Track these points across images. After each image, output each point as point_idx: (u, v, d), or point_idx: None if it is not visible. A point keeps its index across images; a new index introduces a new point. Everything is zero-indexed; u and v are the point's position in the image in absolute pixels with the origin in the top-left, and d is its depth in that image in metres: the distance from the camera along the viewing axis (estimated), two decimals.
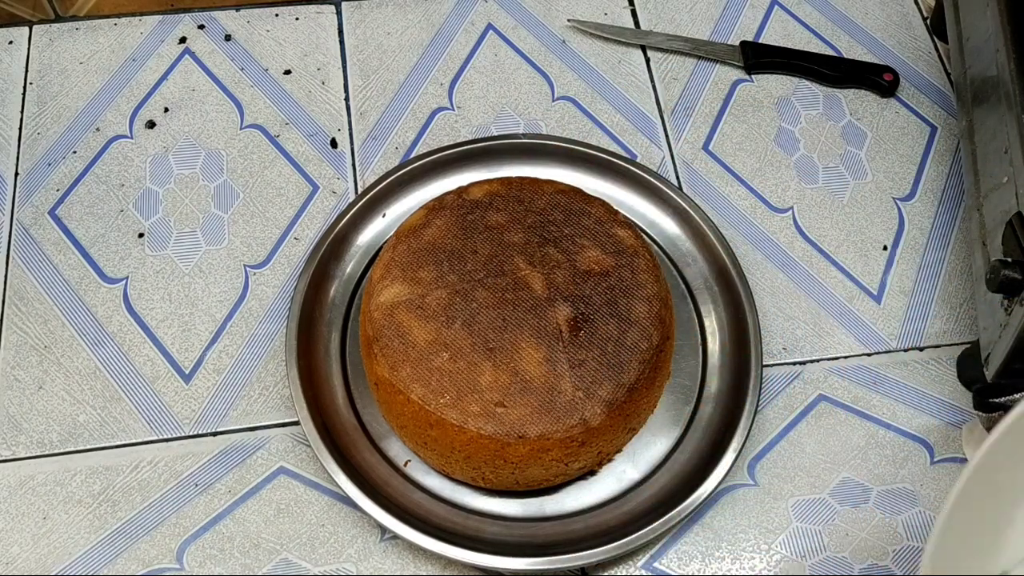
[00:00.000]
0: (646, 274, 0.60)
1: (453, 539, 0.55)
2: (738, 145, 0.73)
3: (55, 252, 0.68)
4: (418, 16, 0.79)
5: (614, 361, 0.57)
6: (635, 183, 0.68)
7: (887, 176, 0.72)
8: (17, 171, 0.71)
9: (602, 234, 0.61)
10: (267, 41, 0.78)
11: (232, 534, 0.58)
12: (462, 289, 0.59)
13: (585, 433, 0.55)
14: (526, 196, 0.63)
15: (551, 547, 0.56)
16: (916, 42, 0.79)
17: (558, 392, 0.56)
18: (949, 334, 0.66)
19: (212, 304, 0.66)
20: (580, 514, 0.58)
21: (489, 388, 0.55)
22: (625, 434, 0.59)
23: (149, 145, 0.73)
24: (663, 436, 0.61)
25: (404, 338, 0.57)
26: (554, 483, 0.58)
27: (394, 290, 0.59)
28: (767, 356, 0.64)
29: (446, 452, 0.57)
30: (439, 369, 0.56)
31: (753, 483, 0.60)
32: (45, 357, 0.64)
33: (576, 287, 0.59)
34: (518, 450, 0.55)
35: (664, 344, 0.59)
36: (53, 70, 0.76)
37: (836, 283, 0.68)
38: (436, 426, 0.56)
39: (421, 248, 0.60)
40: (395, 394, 0.57)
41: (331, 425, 0.59)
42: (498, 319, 0.57)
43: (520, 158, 0.69)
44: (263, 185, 0.71)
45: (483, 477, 0.57)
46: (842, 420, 0.63)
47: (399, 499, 0.57)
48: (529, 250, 0.60)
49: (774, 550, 0.58)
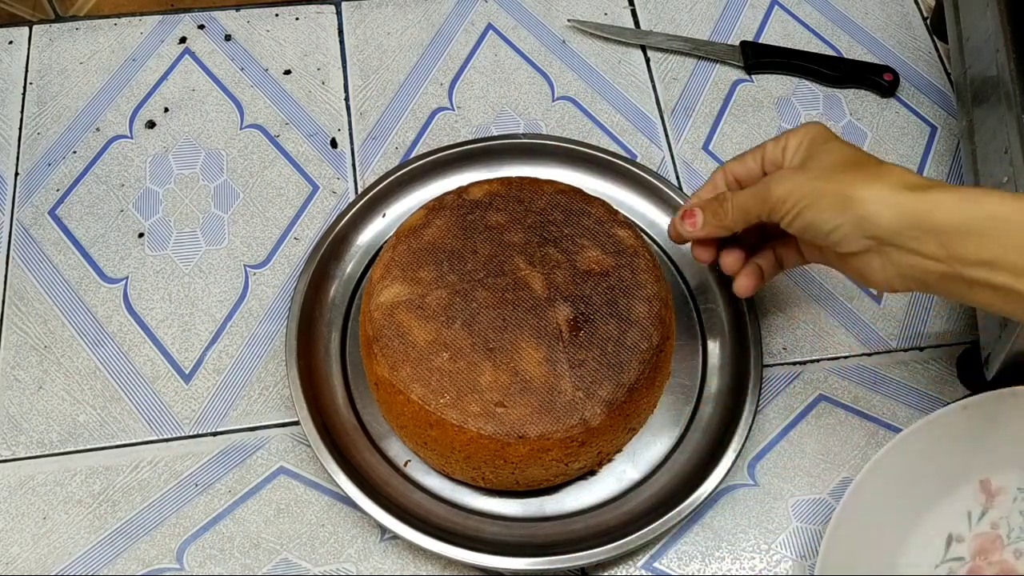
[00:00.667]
0: (646, 274, 0.60)
1: (453, 539, 0.55)
2: (738, 145, 0.73)
3: (55, 252, 0.68)
4: (418, 16, 0.79)
5: (614, 361, 0.57)
6: (635, 183, 0.68)
7: None
8: (17, 171, 0.71)
9: (602, 234, 0.61)
10: (267, 41, 0.78)
11: (232, 534, 0.58)
12: (462, 289, 0.59)
13: (585, 433, 0.55)
14: (526, 196, 0.63)
15: (551, 547, 0.56)
16: (916, 42, 0.79)
17: (558, 392, 0.55)
18: (949, 334, 0.66)
19: (212, 304, 0.66)
20: (580, 514, 0.58)
21: (489, 388, 0.55)
22: (625, 434, 0.59)
23: (149, 145, 0.73)
24: (663, 436, 0.61)
25: (404, 338, 0.57)
26: (554, 483, 0.58)
27: (394, 290, 0.59)
28: (767, 356, 0.64)
29: (446, 452, 0.57)
30: (439, 369, 0.56)
31: (753, 483, 0.60)
32: (45, 357, 0.64)
33: (576, 287, 0.59)
34: (518, 450, 0.55)
35: (664, 344, 0.59)
36: (53, 70, 0.76)
37: (836, 283, 0.67)
38: (436, 426, 0.56)
39: (421, 248, 0.60)
40: (395, 394, 0.57)
41: (331, 425, 0.59)
42: (498, 319, 0.57)
43: (520, 158, 0.69)
44: (263, 185, 0.71)
45: (483, 477, 0.57)
46: (842, 420, 0.63)
47: (399, 499, 0.57)
48: (529, 250, 0.60)
49: (774, 550, 0.58)
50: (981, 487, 0.57)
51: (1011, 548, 0.56)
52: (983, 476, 0.57)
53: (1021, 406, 0.57)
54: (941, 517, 0.56)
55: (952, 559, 0.56)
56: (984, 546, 0.56)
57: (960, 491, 0.57)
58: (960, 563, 0.56)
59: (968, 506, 0.57)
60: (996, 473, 0.57)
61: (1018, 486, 0.57)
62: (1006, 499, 0.57)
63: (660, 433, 0.61)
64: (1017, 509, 0.57)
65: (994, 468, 0.57)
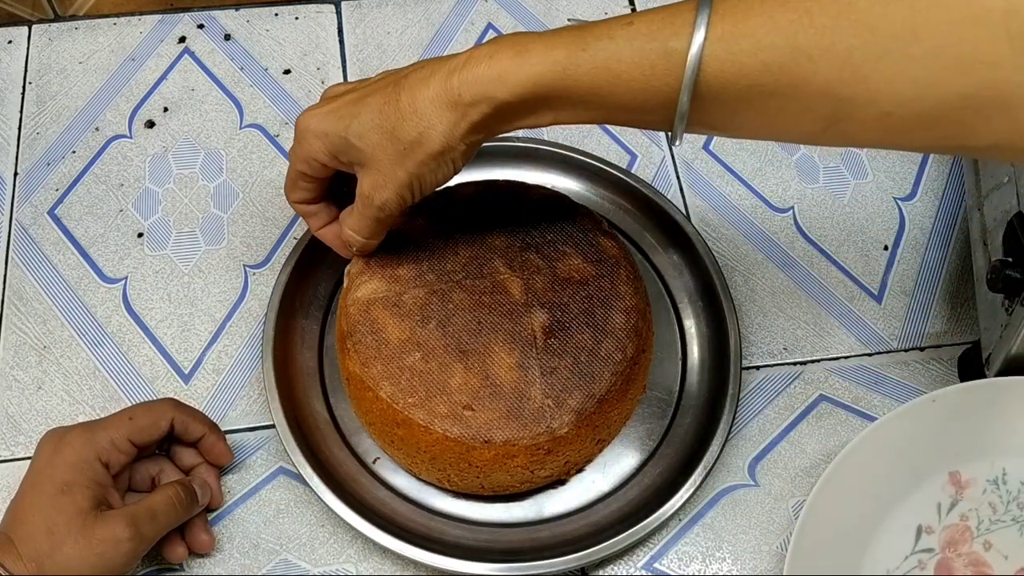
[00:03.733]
0: (626, 285, 0.59)
1: (414, 539, 0.55)
2: (739, 145, 0.73)
3: (54, 252, 0.68)
4: (418, 16, 0.79)
5: (586, 371, 0.56)
6: (625, 192, 0.68)
7: (888, 176, 0.72)
8: (16, 171, 0.71)
9: (584, 242, 0.60)
10: (267, 40, 0.78)
11: (232, 534, 0.58)
12: (440, 289, 0.58)
13: (551, 441, 0.55)
14: (511, 200, 0.62)
15: (513, 553, 0.55)
16: None
17: (527, 399, 0.55)
18: (950, 334, 0.66)
19: (211, 304, 0.66)
20: (546, 522, 0.58)
21: (458, 390, 0.55)
22: (594, 445, 0.58)
23: (148, 145, 0.73)
24: (636, 449, 0.60)
25: (378, 335, 0.57)
26: (520, 490, 0.58)
27: (371, 286, 0.59)
28: (768, 356, 0.64)
29: (412, 452, 0.56)
30: (410, 368, 0.56)
31: (753, 483, 0.60)
32: (44, 357, 0.64)
33: (554, 294, 0.58)
34: (483, 454, 0.54)
35: (639, 356, 0.58)
36: (52, 70, 0.76)
37: (837, 283, 0.67)
38: (403, 425, 0.55)
39: (402, 246, 0.60)
40: (365, 390, 0.56)
41: (302, 418, 0.59)
42: (473, 321, 0.57)
43: (512, 161, 0.69)
44: (263, 185, 0.71)
45: (448, 479, 0.57)
46: (843, 420, 0.62)
47: (364, 496, 0.57)
48: (510, 254, 0.60)
49: (775, 550, 0.58)
50: (951, 479, 0.57)
51: (980, 540, 0.57)
52: (952, 468, 0.57)
53: (990, 399, 0.57)
54: (911, 509, 0.57)
55: (921, 551, 0.56)
56: (953, 537, 0.57)
57: (930, 483, 0.57)
58: (930, 554, 0.56)
59: (938, 498, 0.57)
60: (965, 465, 0.57)
61: (987, 478, 0.57)
62: (975, 491, 0.57)
63: (633, 446, 0.60)
64: (986, 501, 0.57)
65: (963, 460, 0.57)
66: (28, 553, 0.49)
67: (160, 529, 0.52)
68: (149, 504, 0.52)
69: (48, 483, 0.50)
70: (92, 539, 0.49)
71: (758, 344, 0.65)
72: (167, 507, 0.52)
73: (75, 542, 0.49)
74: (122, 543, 0.49)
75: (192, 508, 0.54)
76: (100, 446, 0.52)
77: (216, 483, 0.57)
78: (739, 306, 0.65)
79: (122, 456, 0.53)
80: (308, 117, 0.52)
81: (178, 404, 0.56)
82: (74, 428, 0.53)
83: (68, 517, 0.49)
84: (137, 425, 0.54)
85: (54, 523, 0.49)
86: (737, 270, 0.67)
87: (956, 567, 0.56)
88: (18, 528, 0.50)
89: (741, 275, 0.67)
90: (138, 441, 0.54)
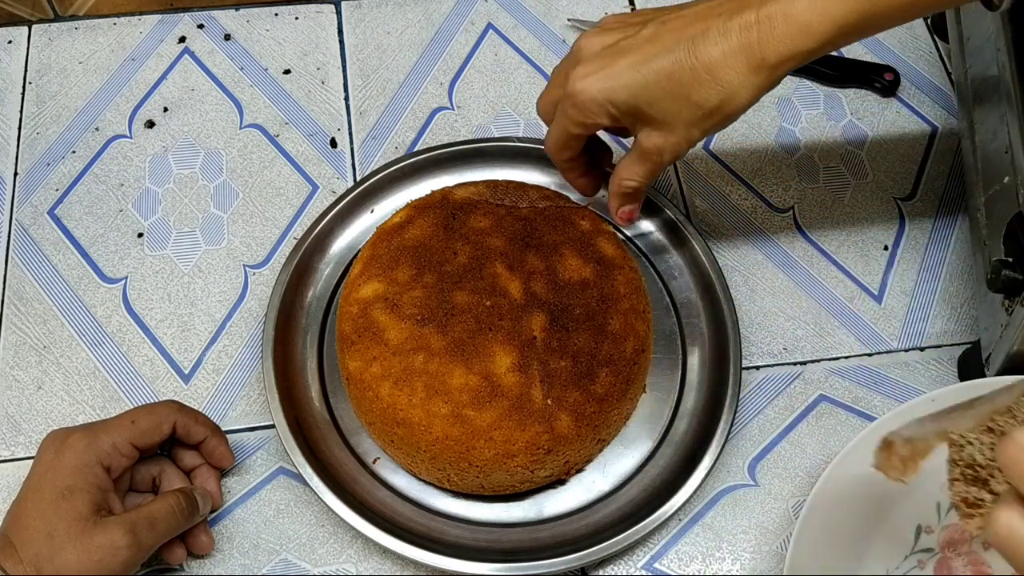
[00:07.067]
0: (626, 286, 0.59)
1: (414, 539, 0.55)
2: (739, 145, 0.73)
3: (54, 252, 0.68)
4: (418, 16, 0.79)
5: (586, 371, 0.56)
6: None
7: (888, 176, 0.72)
8: (16, 171, 0.71)
9: (585, 243, 0.60)
10: (267, 40, 0.78)
11: (232, 534, 0.58)
12: (439, 290, 0.58)
13: (552, 441, 0.55)
14: (511, 201, 0.62)
15: (513, 553, 0.55)
16: (917, 42, 0.79)
17: (527, 399, 0.55)
18: (950, 334, 0.66)
19: (211, 304, 0.66)
20: (546, 522, 0.58)
21: (458, 390, 0.55)
22: (594, 445, 0.58)
23: (148, 145, 0.72)
24: (636, 449, 0.60)
25: (377, 335, 0.57)
26: (520, 489, 0.58)
27: (371, 287, 0.59)
28: (768, 356, 0.64)
29: (412, 451, 0.56)
30: (409, 368, 0.56)
31: (754, 483, 0.60)
32: (44, 357, 0.64)
33: (554, 295, 0.58)
34: (483, 454, 0.54)
35: (638, 357, 0.58)
36: (52, 70, 0.76)
37: (837, 283, 0.67)
38: (403, 425, 0.55)
39: (401, 247, 0.60)
40: (364, 391, 0.56)
41: (303, 418, 0.59)
42: (473, 322, 0.57)
43: (512, 161, 0.69)
44: (263, 185, 0.71)
45: (448, 479, 0.57)
46: (842, 420, 0.62)
47: (365, 496, 0.57)
48: (510, 255, 0.60)
49: (775, 550, 0.58)
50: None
51: (979, 539, 0.57)
52: None
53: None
54: (910, 509, 0.56)
55: (921, 550, 0.56)
56: (953, 537, 0.57)
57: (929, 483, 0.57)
58: (929, 554, 0.56)
59: (937, 497, 0.57)
60: None
61: None
62: None
63: (633, 446, 0.60)
64: None
65: None
66: (28, 556, 0.49)
67: (159, 537, 0.52)
68: (149, 512, 0.52)
69: (49, 487, 0.50)
70: (91, 545, 0.49)
71: (758, 344, 0.65)
72: (167, 515, 0.52)
73: (74, 548, 0.49)
74: (120, 550, 0.49)
75: (193, 517, 0.54)
76: (102, 450, 0.52)
77: (217, 486, 0.57)
78: (739, 306, 0.65)
79: (124, 460, 0.53)
80: (587, 82, 0.51)
81: (180, 407, 0.56)
82: (76, 431, 0.53)
83: (68, 522, 0.49)
84: (139, 429, 0.54)
85: (54, 528, 0.49)
86: (737, 270, 0.67)
87: (956, 567, 0.56)
88: (19, 531, 0.50)
89: (741, 275, 0.67)
90: (140, 445, 0.54)
